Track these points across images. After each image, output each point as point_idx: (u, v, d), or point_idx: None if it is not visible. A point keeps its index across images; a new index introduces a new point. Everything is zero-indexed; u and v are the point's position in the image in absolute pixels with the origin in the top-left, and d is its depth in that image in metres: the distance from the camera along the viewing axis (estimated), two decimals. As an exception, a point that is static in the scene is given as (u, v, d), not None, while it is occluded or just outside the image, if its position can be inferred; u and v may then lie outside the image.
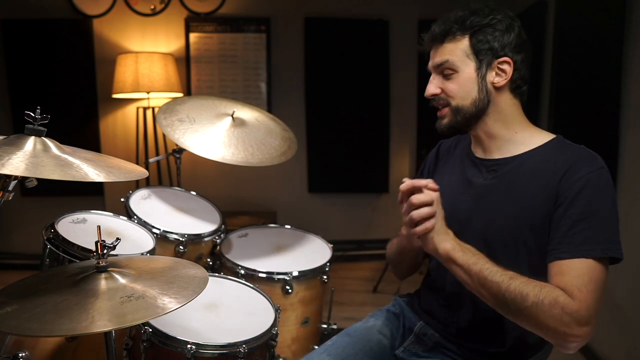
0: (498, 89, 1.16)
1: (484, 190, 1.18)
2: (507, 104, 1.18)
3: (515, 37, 1.15)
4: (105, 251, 1.00)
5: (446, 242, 1.06)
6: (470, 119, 1.18)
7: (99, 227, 1.02)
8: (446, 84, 1.17)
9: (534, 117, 3.02)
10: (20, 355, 1.14)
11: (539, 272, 1.05)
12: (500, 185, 1.16)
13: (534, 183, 1.10)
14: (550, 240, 1.06)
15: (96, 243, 1.00)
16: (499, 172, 1.17)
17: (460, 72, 1.16)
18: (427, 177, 1.29)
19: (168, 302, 0.92)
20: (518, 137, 1.18)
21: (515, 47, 1.15)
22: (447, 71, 1.17)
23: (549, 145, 1.15)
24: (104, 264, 1.00)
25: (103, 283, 0.96)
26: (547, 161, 1.11)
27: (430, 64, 1.20)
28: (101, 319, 0.85)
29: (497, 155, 1.20)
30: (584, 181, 1.04)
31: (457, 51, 1.15)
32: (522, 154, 1.16)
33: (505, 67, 1.15)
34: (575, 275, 0.99)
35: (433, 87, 1.19)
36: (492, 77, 1.16)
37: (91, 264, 1.03)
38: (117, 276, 0.99)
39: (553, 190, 1.07)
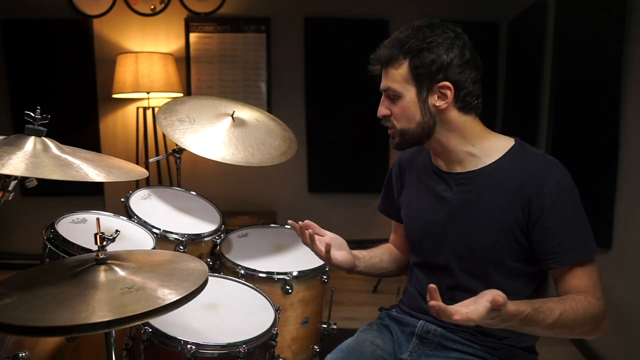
0: (443, 110, 1.16)
1: (456, 205, 1.20)
2: (458, 121, 1.17)
3: (457, 58, 1.12)
4: (104, 243, 1.00)
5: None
6: (419, 139, 1.20)
7: (98, 219, 1.02)
8: (392, 107, 1.19)
9: (534, 117, 3.02)
10: (20, 355, 1.14)
11: (517, 275, 1.17)
12: (472, 199, 1.18)
13: (504, 196, 1.14)
14: (538, 251, 1.13)
15: (95, 235, 1.00)
16: (468, 185, 1.19)
17: (403, 98, 1.16)
18: (397, 191, 1.39)
19: (168, 293, 0.92)
20: (476, 149, 1.19)
21: (458, 67, 1.12)
22: (392, 95, 1.18)
23: (512, 154, 1.17)
24: (103, 256, 1.00)
25: (103, 275, 0.97)
26: (513, 173, 1.15)
27: (381, 85, 1.21)
28: (101, 310, 0.85)
29: (459, 168, 1.21)
30: (554, 193, 1.10)
31: (398, 77, 1.16)
32: (487, 165, 1.18)
33: (445, 91, 1.14)
34: (589, 277, 1.11)
35: (383, 108, 1.21)
36: (434, 100, 1.15)
37: (91, 256, 1.03)
38: (117, 269, 0.99)
39: (524, 203, 1.12)
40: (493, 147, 1.19)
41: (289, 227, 1.91)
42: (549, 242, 1.11)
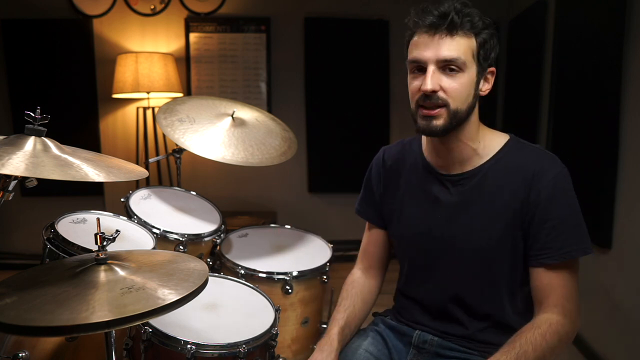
0: (481, 96, 1.14)
1: (455, 206, 1.18)
2: (476, 113, 1.15)
3: (498, 48, 1.13)
4: (104, 243, 1.00)
5: None
6: (460, 124, 1.11)
7: (98, 219, 1.02)
8: (448, 82, 1.07)
9: (534, 117, 3.02)
10: (20, 355, 1.14)
11: (518, 272, 1.15)
12: (471, 199, 1.16)
13: (503, 193, 1.13)
14: (531, 245, 1.11)
15: (95, 235, 1.00)
16: (466, 186, 1.17)
17: (464, 73, 1.07)
18: (378, 192, 1.32)
19: (168, 293, 0.92)
20: (480, 146, 1.16)
21: (495, 58, 1.14)
22: (453, 67, 1.07)
23: (508, 149, 1.16)
24: (103, 256, 1.00)
25: (103, 275, 0.96)
26: (510, 168, 1.13)
27: (432, 54, 1.06)
28: (102, 310, 0.85)
29: (458, 169, 1.18)
30: (552, 186, 1.09)
31: (468, 50, 1.07)
32: (485, 163, 1.16)
33: (490, 76, 1.14)
34: (561, 285, 1.09)
35: (434, 82, 1.06)
36: (481, 84, 1.13)
37: (90, 256, 1.03)
38: (117, 268, 0.99)
39: (523, 197, 1.11)
40: (490, 143, 1.18)
41: (289, 227, 1.92)
42: (545, 235, 1.09)
